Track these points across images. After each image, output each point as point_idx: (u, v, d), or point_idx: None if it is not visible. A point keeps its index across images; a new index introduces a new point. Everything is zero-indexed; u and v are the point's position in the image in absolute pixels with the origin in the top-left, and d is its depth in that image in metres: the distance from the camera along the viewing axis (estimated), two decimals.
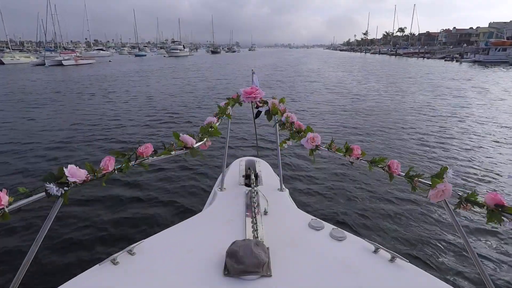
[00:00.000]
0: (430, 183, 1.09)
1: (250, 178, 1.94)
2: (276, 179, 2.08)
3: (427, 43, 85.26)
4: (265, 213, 1.60)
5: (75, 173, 1.00)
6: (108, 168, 1.08)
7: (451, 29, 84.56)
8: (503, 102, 12.63)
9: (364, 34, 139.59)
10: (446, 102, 12.37)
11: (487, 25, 68.24)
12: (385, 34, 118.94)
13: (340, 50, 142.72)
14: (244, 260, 1.13)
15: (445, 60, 48.38)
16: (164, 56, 66.69)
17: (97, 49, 77.38)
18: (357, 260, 1.26)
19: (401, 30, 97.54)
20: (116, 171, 1.11)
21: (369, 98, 13.47)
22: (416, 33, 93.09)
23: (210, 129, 1.50)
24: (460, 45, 69.03)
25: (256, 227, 1.37)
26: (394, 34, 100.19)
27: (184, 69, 31.14)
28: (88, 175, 1.04)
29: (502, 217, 0.96)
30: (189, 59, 55.19)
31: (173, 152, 1.26)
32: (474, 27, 77.29)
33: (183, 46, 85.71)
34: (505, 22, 60.82)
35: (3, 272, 2.89)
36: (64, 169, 0.99)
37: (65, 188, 0.98)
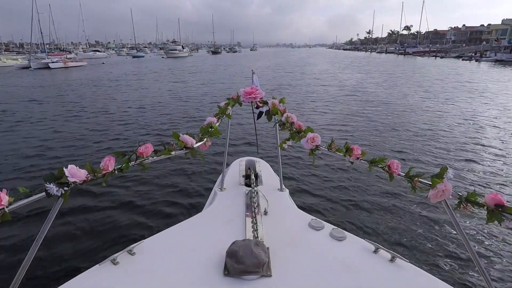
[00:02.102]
0: (430, 183, 1.09)
1: (250, 178, 1.94)
2: (276, 179, 2.09)
3: (434, 41, 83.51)
4: (265, 213, 1.60)
5: (75, 173, 1.00)
6: (108, 168, 1.08)
7: (459, 26, 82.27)
8: None
9: (368, 32, 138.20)
10: None
11: (492, 23, 66.70)
12: (391, 32, 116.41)
13: (344, 50, 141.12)
14: (244, 260, 1.13)
15: (462, 60, 44.67)
16: (163, 57, 64.22)
17: (93, 50, 73.57)
18: (357, 260, 1.25)
19: (407, 28, 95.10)
20: (116, 171, 1.11)
21: (409, 109, 10.85)
22: (423, 31, 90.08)
23: (210, 129, 1.50)
24: (471, 43, 66.82)
25: (256, 227, 1.37)
26: (401, 33, 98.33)
27: (181, 72, 28.90)
28: (88, 175, 1.04)
29: (502, 217, 0.96)
30: (188, 60, 52.87)
31: (173, 152, 1.27)
32: (480, 25, 75.64)
33: (182, 46, 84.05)
34: None
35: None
36: (64, 169, 0.99)
37: (65, 188, 0.99)
